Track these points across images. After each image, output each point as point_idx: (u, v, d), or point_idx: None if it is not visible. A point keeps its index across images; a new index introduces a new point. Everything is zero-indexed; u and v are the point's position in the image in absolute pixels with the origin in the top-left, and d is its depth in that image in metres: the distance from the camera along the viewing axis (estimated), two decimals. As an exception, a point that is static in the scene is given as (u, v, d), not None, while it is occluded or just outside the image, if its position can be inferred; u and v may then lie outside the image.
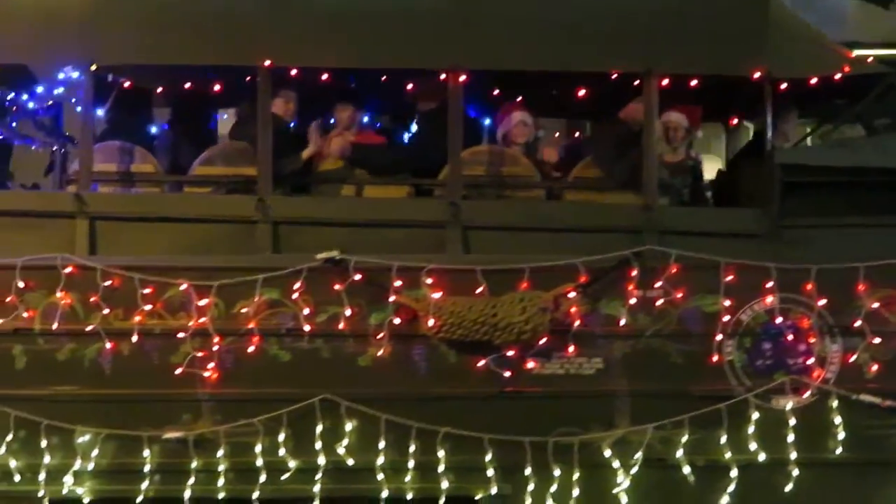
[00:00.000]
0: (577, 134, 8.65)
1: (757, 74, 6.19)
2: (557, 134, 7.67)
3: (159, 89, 7.41)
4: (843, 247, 6.08)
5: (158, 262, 6.16)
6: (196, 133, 7.50)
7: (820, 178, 6.18)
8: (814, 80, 6.31)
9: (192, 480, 6.10)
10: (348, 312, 6.04)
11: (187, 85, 7.03)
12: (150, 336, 6.11)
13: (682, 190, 6.63)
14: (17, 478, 6.13)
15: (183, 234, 6.32)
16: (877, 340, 6.06)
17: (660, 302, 6.05)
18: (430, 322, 5.96)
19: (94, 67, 6.29)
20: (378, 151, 6.81)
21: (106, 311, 6.07)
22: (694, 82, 6.37)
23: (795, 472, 6.07)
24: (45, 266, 6.12)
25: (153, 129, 7.43)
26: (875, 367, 6.10)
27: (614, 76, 6.37)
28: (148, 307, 6.07)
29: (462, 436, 6.04)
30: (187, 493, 6.10)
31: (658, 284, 6.01)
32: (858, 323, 6.06)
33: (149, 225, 6.35)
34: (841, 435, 6.07)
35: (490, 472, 6.05)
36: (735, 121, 7.95)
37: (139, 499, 6.12)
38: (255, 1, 6.31)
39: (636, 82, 6.30)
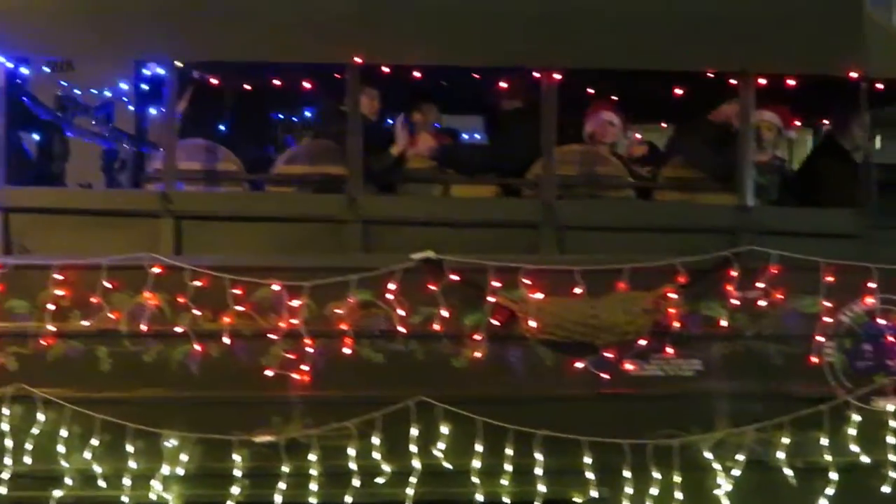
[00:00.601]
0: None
1: (854, 75, 6.16)
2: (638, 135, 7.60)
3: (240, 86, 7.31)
4: None
5: (249, 263, 6.06)
6: (261, 130, 7.44)
7: (918, 178, 6.19)
8: None
9: (282, 485, 5.99)
10: (444, 313, 5.98)
11: (276, 82, 6.92)
12: (239, 337, 6.04)
13: (771, 189, 6.59)
14: (102, 483, 6.02)
15: (269, 234, 6.23)
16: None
17: (761, 303, 6.01)
18: (532, 323, 5.88)
19: (178, 64, 6.20)
20: (468, 150, 6.76)
21: (196, 312, 5.99)
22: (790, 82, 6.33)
23: (894, 475, 6.08)
24: (132, 266, 6.05)
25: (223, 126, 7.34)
26: (975, 369, 6.10)
27: (709, 76, 6.34)
28: (238, 308, 5.99)
29: (559, 438, 5.98)
30: (278, 498, 5.99)
31: (760, 285, 5.98)
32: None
33: (234, 224, 6.26)
34: (941, 437, 6.08)
35: (588, 476, 5.98)
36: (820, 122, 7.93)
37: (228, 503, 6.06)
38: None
39: (731, 82, 6.26)
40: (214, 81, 6.99)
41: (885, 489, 6.05)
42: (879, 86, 6.19)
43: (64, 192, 6.82)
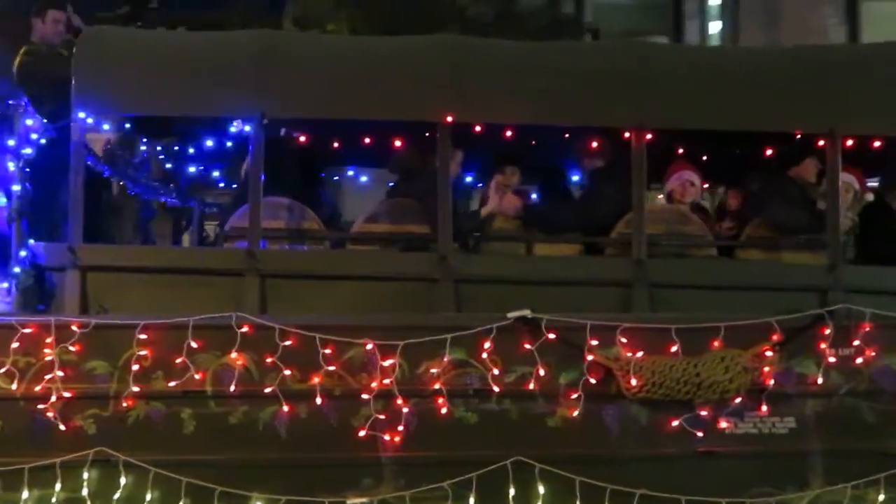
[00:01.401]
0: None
1: None
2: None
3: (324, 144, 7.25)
4: None
5: (338, 321, 5.97)
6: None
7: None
8: None
9: (375, 547, 5.90)
10: (541, 372, 5.94)
11: (366, 140, 6.87)
12: (329, 398, 5.93)
13: (848, 249, 6.68)
14: (188, 547, 5.88)
15: (354, 292, 6.18)
16: None
17: (857, 361, 6.07)
18: (633, 381, 5.87)
19: (265, 120, 6.16)
20: (553, 210, 6.75)
21: (287, 371, 5.87)
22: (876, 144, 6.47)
23: None
24: (218, 325, 5.94)
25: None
26: None
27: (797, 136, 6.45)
28: (329, 368, 5.89)
29: (657, 497, 5.97)
30: (372, 560, 5.89)
31: (856, 343, 6.03)
32: None
33: (320, 283, 6.20)
34: None
35: (687, 535, 5.97)
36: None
37: (320, 567, 5.90)
38: (437, 58, 6.29)
39: (820, 143, 6.36)
40: (302, 139, 6.93)
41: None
42: None
43: (143, 249, 6.70)
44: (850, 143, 6.29)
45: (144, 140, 7.70)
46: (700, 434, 6.00)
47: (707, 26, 19.14)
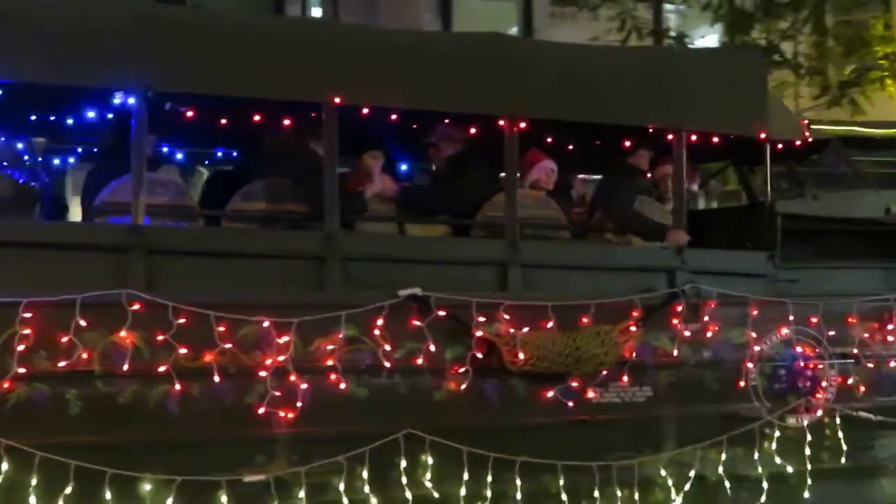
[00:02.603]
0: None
1: (762, 136, 7.15)
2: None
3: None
4: (836, 284, 7.13)
5: (233, 299, 5.93)
6: None
7: (813, 226, 7.23)
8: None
9: (273, 523, 5.93)
10: (431, 348, 6.18)
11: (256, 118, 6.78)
12: (224, 376, 5.86)
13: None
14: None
15: (240, 270, 6.15)
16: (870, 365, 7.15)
17: (706, 335, 6.77)
18: (520, 356, 6.23)
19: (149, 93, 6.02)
20: (426, 193, 7.01)
21: (181, 350, 5.76)
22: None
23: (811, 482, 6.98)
24: (107, 303, 5.73)
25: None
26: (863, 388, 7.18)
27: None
28: (224, 346, 5.83)
29: (536, 463, 6.35)
30: (268, 537, 5.90)
31: (705, 318, 6.72)
32: (853, 350, 7.12)
33: (202, 260, 6.12)
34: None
35: (564, 497, 6.40)
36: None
37: (220, 546, 5.85)
38: (320, 38, 6.38)
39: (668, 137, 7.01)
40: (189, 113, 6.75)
41: (807, 495, 6.95)
42: (779, 146, 7.23)
43: (24, 225, 6.32)
44: (693, 138, 7.03)
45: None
46: (571, 404, 6.49)
47: (309, 13, 19.39)
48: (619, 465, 6.50)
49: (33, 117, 7.27)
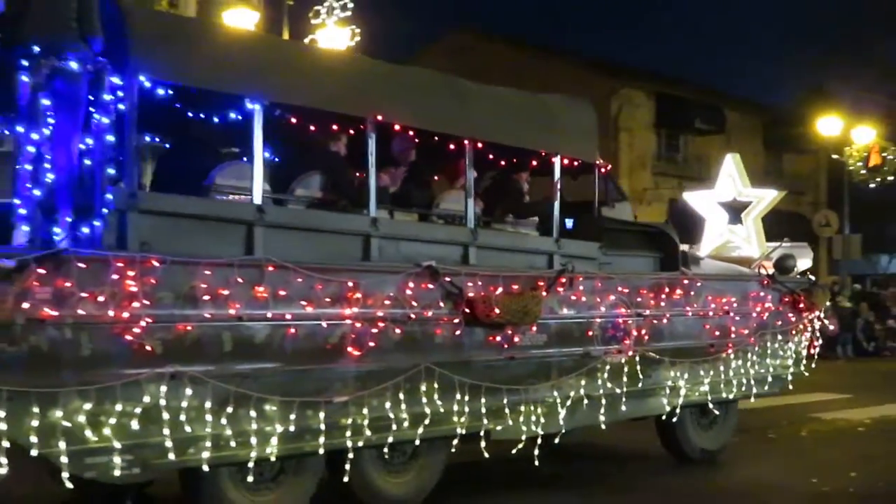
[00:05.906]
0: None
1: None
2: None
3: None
4: (622, 266, 10.45)
5: (325, 264, 7.88)
6: None
7: (612, 225, 10.52)
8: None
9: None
10: (441, 304, 8.50)
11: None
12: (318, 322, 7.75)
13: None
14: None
15: (315, 242, 8.10)
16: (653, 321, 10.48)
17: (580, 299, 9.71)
18: (496, 311, 8.66)
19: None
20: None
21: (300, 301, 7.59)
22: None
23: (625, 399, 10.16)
24: (248, 265, 7.43)
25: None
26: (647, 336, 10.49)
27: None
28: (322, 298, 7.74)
29: (486, 387, 8.85)
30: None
31: (581, 288, 9.62)
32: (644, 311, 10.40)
33: (298, 233, 8.04)
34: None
35: (507, 412, 9.02)
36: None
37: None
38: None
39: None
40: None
41: (623, 408, 10.12)
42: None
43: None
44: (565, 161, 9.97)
45: None
46: (506, 346, 9.08)
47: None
48: (531, 389, 9.26)
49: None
